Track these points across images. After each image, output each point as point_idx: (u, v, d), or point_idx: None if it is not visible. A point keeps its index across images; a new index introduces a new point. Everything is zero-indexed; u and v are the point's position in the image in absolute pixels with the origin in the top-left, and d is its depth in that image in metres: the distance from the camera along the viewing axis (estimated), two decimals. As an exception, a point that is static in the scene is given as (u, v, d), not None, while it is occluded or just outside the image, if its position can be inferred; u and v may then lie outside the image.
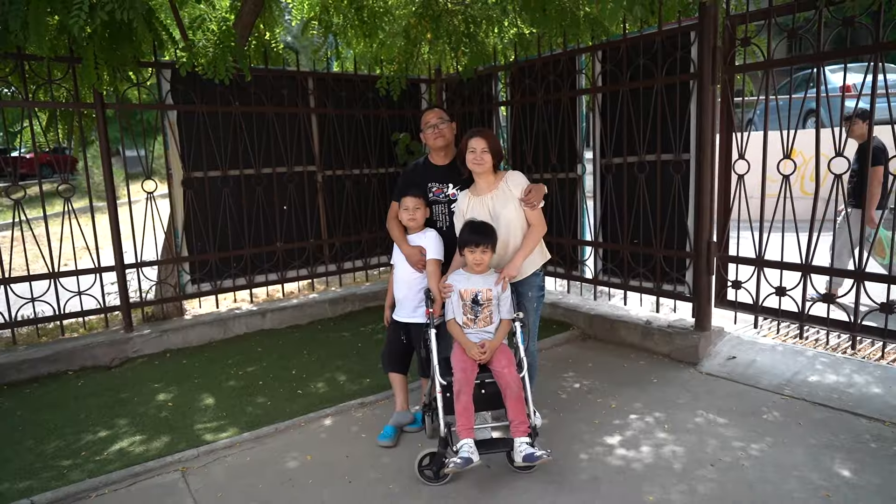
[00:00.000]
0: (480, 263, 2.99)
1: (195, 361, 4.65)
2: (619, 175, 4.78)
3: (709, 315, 4.33)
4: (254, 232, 5.49)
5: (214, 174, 5.25)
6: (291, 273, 5.77)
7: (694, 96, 4.19)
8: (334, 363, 4.54)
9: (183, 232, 5.12)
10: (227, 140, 5.26)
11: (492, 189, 3.18)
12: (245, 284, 5.49)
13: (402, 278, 3.34)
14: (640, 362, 4.35)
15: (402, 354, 3.40)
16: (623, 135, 4.68)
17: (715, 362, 4.14)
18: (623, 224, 4.79)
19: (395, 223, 3.45)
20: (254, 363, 4.58)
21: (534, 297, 3.23)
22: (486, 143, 3.10)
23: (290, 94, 5.58)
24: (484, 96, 5.88)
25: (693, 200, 4.30)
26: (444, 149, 3.43)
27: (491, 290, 3.00)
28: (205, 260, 5.25)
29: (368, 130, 6.10)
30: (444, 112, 3.46)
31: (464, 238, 3.02)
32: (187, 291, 5.20)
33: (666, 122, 4.38)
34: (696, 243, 4.28)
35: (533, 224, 3.15)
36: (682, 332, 4.33)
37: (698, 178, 4.21)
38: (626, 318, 4.77)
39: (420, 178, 3.47)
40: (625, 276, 4.84)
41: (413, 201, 3.29)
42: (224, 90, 5.16)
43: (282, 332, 5.35)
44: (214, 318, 5.23)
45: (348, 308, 5.92)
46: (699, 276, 4.30)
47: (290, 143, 5.62)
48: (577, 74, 4.99)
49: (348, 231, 6.10)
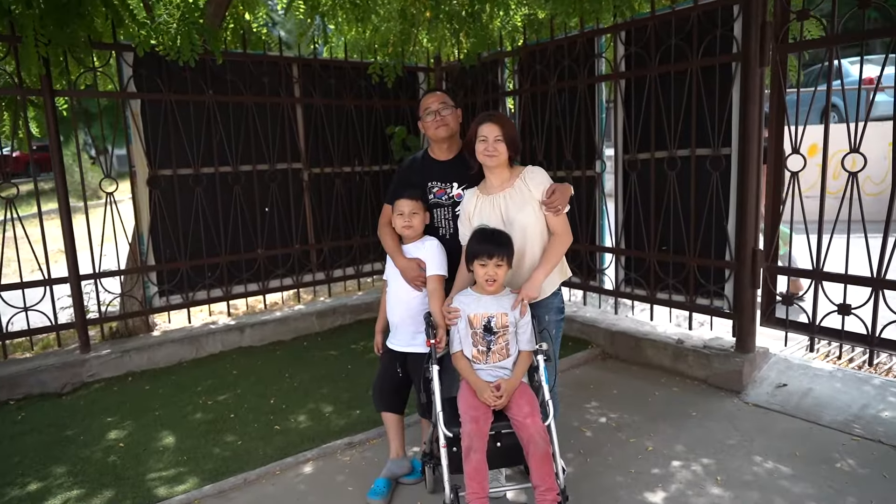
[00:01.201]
0: (494, 280, 2.40)
1: (159, 387, 4.04)
2: (646, 172, 4.19)
3: (753, 335, 3.74)
4: (231, 237, 4.88)
5: (185, 172, 4.64)
6: (274, 283, 5.16)
7: (737, 81, 3.60)
8: (319, 390, 3.94)
9: (149, 237, 4.51)
10: (199, 133, 4.65)
11: (505, 187, 2.58)
12: (221, 296, 4.88)
13: (398, 298, 2.74)
14: (673, 389, 3.76)
15: (397, 389, 2.80)
16: (650, 127, 4.09)
17: (762, 391, 3.55)
18: (650, 229, 4.20)
19: (387, 230, 2.85)
20: (227, 389, 3.98)
21: (552, 323, 2.63)
22: (501, 130, 2.51)
23: (272, 81, 4.97)
24: (489, 85, 5.28)
25: (735, 202, 3.71)
26: (447, 140, 2.83)
27: (507, 316, 2.41)
28: (174, 269, 4.64)
29: (360, 123, 5.50)
30: (446, 95, 2.86)
31: (473, 248, 2.42)
32: (154, 305, 4.59)
33: (702, 112, 3.79)
34: (739, 251, 3.69)
35: (556, 233, 2.56)
36: (721, 353, 3.75)
37: (741, 175, 3.62)
38: (653, 335, 4.18)
39: (418, 177, 2.87)
40: (651, 288, 4.25)
41: (409, 204, 2.69)
42: (196, 77, 4.55)
43: (262, 351, 4.75)
44: (185, 334, 4.62)
45: (338, 321, 5.32)
46: (742, 290, 3.71)
47: (273, 136, 5.02)
48: (596, 59, 4.40)
49: (338, 235, 5.50)
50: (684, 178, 3.96)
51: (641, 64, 4.10)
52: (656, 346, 4.10)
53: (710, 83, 3.74)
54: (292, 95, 5.10)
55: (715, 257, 3.87)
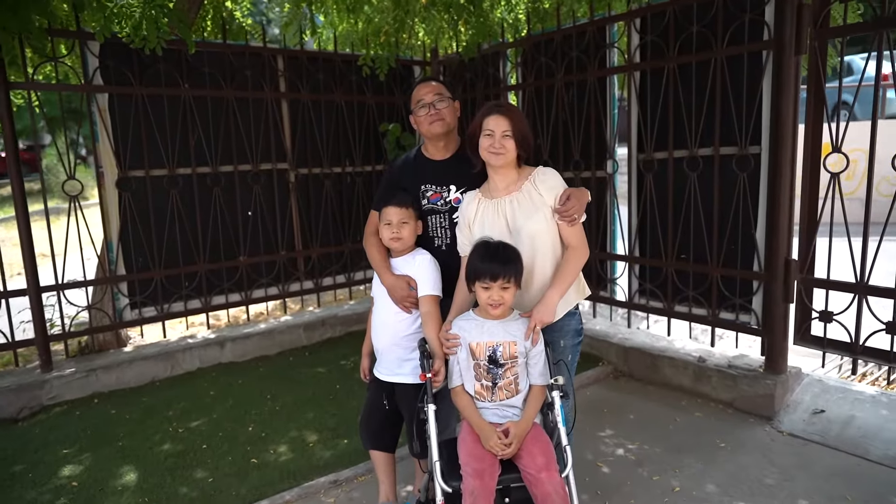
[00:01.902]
0: (499, 305, 2.02)
1: (127, 411, 3.65)
2: (663, 173, 3.81)
3: (785, 354, 3.37)
4: (210, 243, 4.49)
5: (159, 173, 4.25)
6: (258, 292, 4.77)
7: (768, 71, 3.23)
8: (304, 414, 3.56)
9: (119, 245, 4.12)
10: (174, 131, 4.26)
11: (512, 190, 2.21)
12: (200, 308, 4.49)
13: (383, 320, 2.36)
14: (696, 414, 3.39)
15: (386, 425, 2.42)
16: (668, 123, 3.71)
17: (797, 417, 3.18)
18: (667, 235, 3.82)
19: (373, 241, 2.47)
20: (201, 414, 3.59)
21: (568, 348, 2.26)
22: (510, 124, 2.13)
23: (256, 75, 4.58)
24: (490, 80, 4.90)
25: (765, 206, 3.34)
26: (443, 137, 2.45)
27: (516, 345, 2.03)
28: (147, 279, 4.24)
29: (351, 120, 5.11)
30: (442, 86, 2.47)
31: (474, 267, 2.04)
32: (125, 318, 4.20)
33: (727, 107, 3.42)
34: (770, 261, 3.32)
35: (572, 245, 2.18)
36: (748, 374, 3.37)
37: (773, 176, 3.25)
38: (671, 352, 3.81)
39: (410, 179, 2.49)
40: (668, 300, 3.87)
41: (398, 213, 2.30)
42: (170, 69, 4.16)
43: (243, 368, 4.36)
44: (159, 350, 4.23)
45: (327, 334, 4.93)
46: (773, 304, 3.33)
47: (256, 134, 4.63)
48: (608, 49, 4.02)
49: (327, 241, 5.11)
50: (707, 179, 3.59)
51: (658, 54, 3.72)
52: (675, 365, 3.73)
53: (737, 74, 3.37)
54: (277, 90, 4.72)
55: (741, 267, 3.50)
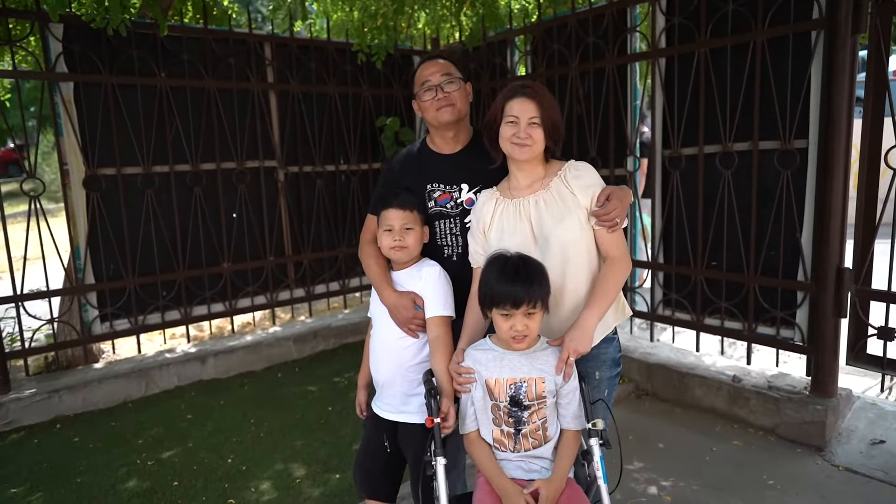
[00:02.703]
0: (523, 337, 1.62)
1: (92, 439, 3.25)
2: (691, 171, 3.42)
3: (835, 374, 2.98)
4: (191, 248, 4.09)
5: (132, 171, 3.85)
6: (244, 302, 4.37)
7: (818, 54, 2.85)
8: (291, 442, 3.16)
9: (87, 250, 3.72)
10: (150, 125, 3.86)
11: (538, 189, 1.82)
12: (179, 319, 4.09)
13: (385, 347, 1.96)
14: (734, 442, 2.99)
15: (386, 470, 2.01)
16: (698, 115, 3.33)
17: (853, 448, 2.79)
18: (696, 239, 3.43)
19: (371, 251, 2.07)
20: (175, 442, 3.19)
21: (604, 381, 1.86)
22: (538, 109, 1.75)
23: (241, 63, 4.19)
24: (496, 70, 4.51)
25: (812, 207, 2.95)
26: (452, 126, 2.05)
27: (544, 382, 1.64)
28: (119, 288, 3.84)
29: (346, 114, 4.71)
30: (451, 64, 2.08)
31: (491, 290, 1.64)
32: (94, 332, 3.79)
33: (768, 96, 3.03)
34: (818, 270, 2.93)
35: (611, 256, 1.79)
36: (793, 397, 2.98)
37: (823, 174, 2.86)
38: (701, 370, 3.42)
39: (413, 177, 2.10)
40: (697, 312, 3.48)
41: (401, 216, 1.91)
42: (144, 55, 3.76)
43: (226, 385, 3.95)
44: (133, 367, 3.82)
45: (319, 346, 4.53)
46: (822, 318, 2.95)
47: (241, 129, 4.23)
48: (629, 34, 3.63)
49: (320, 245, 4.71)
50: (743, 177, 3.21)
51: (688, 38, 3.33)
52: (707, 385, 3.33)
53: (780, 59, 2.99)
54: (264, 80, 4.32)
55: (783, 276, 3.11)
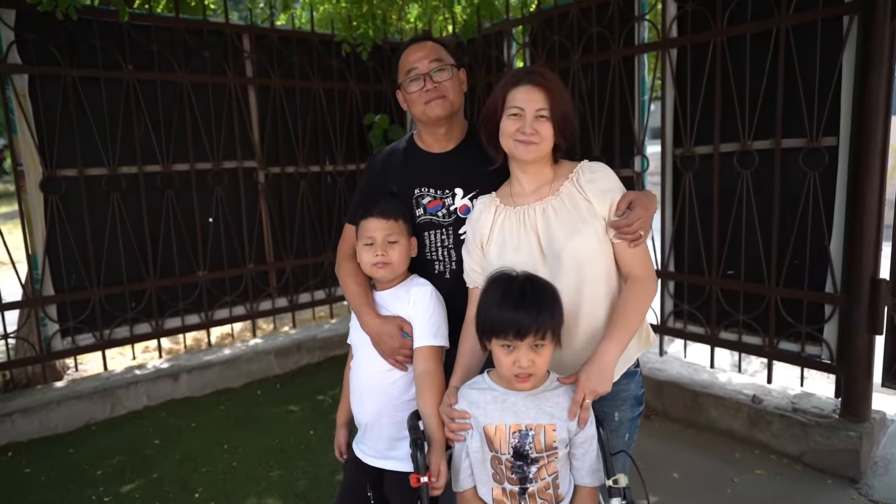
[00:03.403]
0: (528, 376, 1.32)
1: (45, 469, 2.93)
2: (706, 171, 3.14)
3: (868, 397, 2.70)
4: (162, 256, 3.78)
5: (96, 172, 3.53)
6: (221, 313, 4.06)
7: (850, 42, 2.57)
8: (268, 472, 2.85)
9: (45, 259, 3.40)
10: (116, 122, 3.54)
11: (546, 195, 1.53)
12: (150, 333, 3.77)
13: (368, 381, 1.67)
14: (757, 471, 2.71)
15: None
16: (713, 111, 3.04)
17: (893, 480, 2.51)
18: (711, 246, 3.15)
19: (350, 268, 1.78)
20: (139, 472, 2.87)
21: (625, 423, 1.57)
22: (547, 100, 1.45)
23: (216, 56, 3.88)
24: (492, 63, 4.21)
25: (842, 211, 2.68)
26: (444, 122, 1.75)
27: (554, 430, 1.34)
28: (83, 300, 3.53)
29: (332, 111, 4.41)
30: (442, 48, 1.78)
31: (489, 316, 1.34)
32: (55, 348, 3.47)
33: (793, 89, 2.76)
34: (850, 280, 2.65)
35: (635, 275, 1.49)
36: (821, 421, 2.70)
37: (856, 174, 2.58)
38: (716, 388, 3.13)
39: (399, 179, 1.80)
40: (712, 325, 3.20)
41: (384, 227, 1.61)
42: (109, 46, 3.45)
43: (201, 405, 3.64)
44: (98, 386, 3.50)
45: (303, 360, 4.22)
46: (854, 334, 2.67)
47: (217, 127, 3.92)
48: (637, 23, 3.34)
49: (304, 251, 4.40)
50: (763, 178, 2.93)
51: (702, 26, 3.05)
52: (723, 405, 3.05)
53: (807, 47, 2.71)
54: (242, 75, 4.01)
55: (809, 287, 2.83)
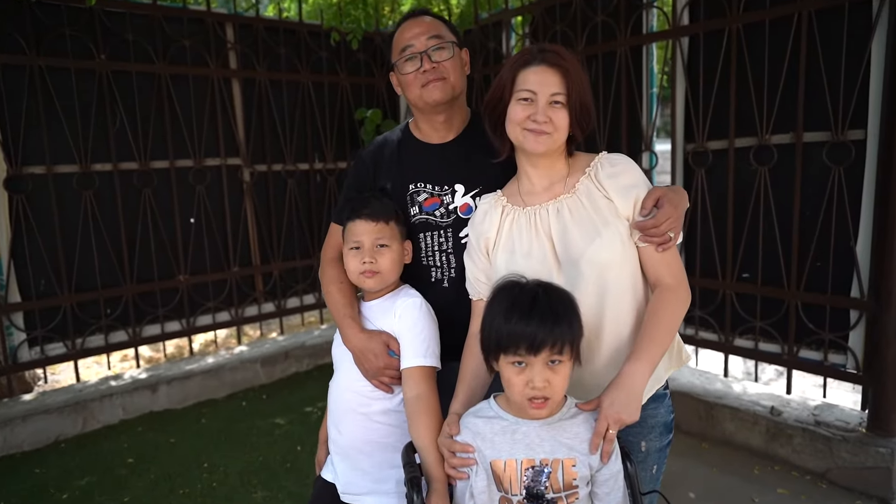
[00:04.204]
0: (544, 400, 1.12)
1: (4, 494, 2.69)
2: (720, 167, 2.95)
3: (898, 410, 2.51)
4: (141, 259, 3.55)
5: (67, 170, 3.30)
6: (204, 319, 3.82)
7: (881, 28, 2.38)
8: (251, 493, 2.63)
9: (10, 263, 3.16)
10: (88, 116, 3.31)
11: (559, 192, 1.33)
12: (127, 341, 3.54)
13: (348, 405, 1.46)
14: (779, 490, 2.51)
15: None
16: (728, 103, 2.85)
17: (926, 501, 2.32)
18: (725, 248, 2.96)
19: (334, 275, 1.57)
20: (108, 496, 2.64)
21: (652, 455, 1.37)
22: (564, 83, 1.26)
23: (197, 46, 3.64)
24: (491, 55, 4.00)
25: (870, 210, 2.49)
26: (444, 108, 1.54)
27: (574, 466, 1.13)
28: (52, 307, 3.29)
29: (321, 105, 4.19)
30: (442, 23, 1.56)
31: (497, 328, 1.13)
32: (21, 359, 3.23)
33: (816, 79, 2.57)
34: (879, 284, 2.46)
35: (664, 284, 1.29)
36: (847, 435, 2.51)
37: (886, 171, 2.39)
38: (731, 399, 2.94)
39: (391, 174, 1.58)
40: (726, 332, 3.01)
41: (371, 230, 1.40)
42: (80, 34, 3.22)
43: (181, 418, 3.40)
44: (69, 398, 3.26)
45: (291, 368, 4.00)
46: (883, 342, 2.47)
47: (199, 122, 3.69)
48: (645, 10, 3.14)
49: (291, 253, 4.18)
50: (783, 175, 2.74)
51: (716, 12, 2.85)
52: (740, 418, 2.86)
53: (832, 34, 2.52)
54: (226, 66, 3.78)
55: (833, 292, 2.64)
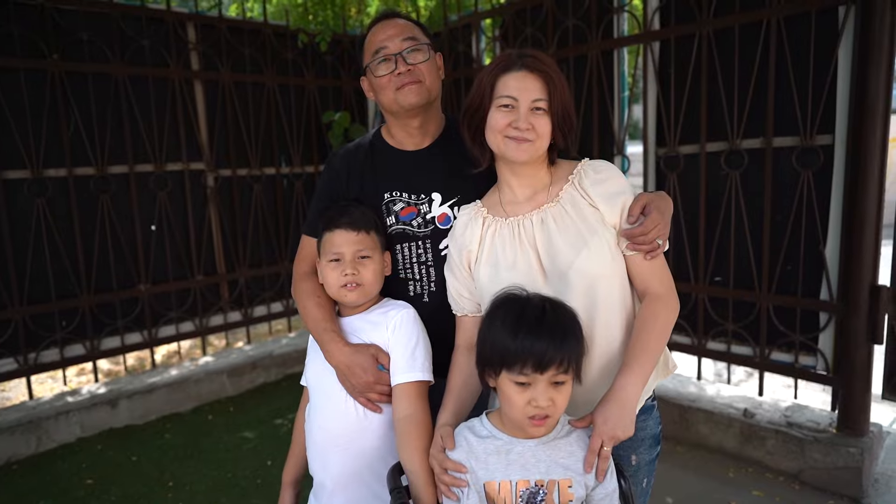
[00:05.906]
0: (544, 418, 1.07)
1: (-46, 521, 2.54)
2: (692, 173, 2.96)
3: (867, 410, 2.55)
4: (98, 269, 3.38)
5: (17, 175, 3.12)
6: (167, 330, 3.67)
7: (847, 34, 2.42)
8: (218, 514, 2.53)
9: (-44, 275, 2.98)
10: (39, 118, 3.14)
11: (542, 201, 1.29)
12: (84, 355, 3.37)
13: (332, 430, 1.38)
14: (754, 492, 2.53)
15: None
16: (699, 108, 2.86)
17: (894, 499, 2.36)
18: (697, 252, 2.98)
19: (309, 288, 1.48)
20: (66, 521, 2.51)
21: (642, 469, 1.35)
22: (545, 89, 1.23)
23: (157, 46, 3.50)
24: (460, 58, 3.96)
25: (839, 213, 2.53)
26: (420, 113, 1.48)
27: (571, 486, 1.09)
28: (2, 320, 3.10)
29: (287, 108, 4.08)
30: (415, 25, 1.50)
31: (502, 344, 1.09)
32: (-31, 376, 3.05)
33: (785, 84, 2.60)
34: (847, 287, 2.50)
35: (652, 293, 1.27)
36: (818, 436, 2.55)
37: (854, 175, 2.43)
38: (705, 402, 2.96)
39: (365, 182, 1.52)
40: (698, 335, 3.02)
41: (353, 241, 1.34)
42: (29, 32, 3.06)
43: (143, 435, 3.26)
44: (22, 417, 3.09)
45: (259, 379, 3.88)
46: (852, 344, 2.52)
47: (160, 125, 3.54)
48: (616, 14, 3.14)
49: (258, 261, 4.06)
50: (753, 179, 2.76)
51: (687, 17, 2.87)
52: (714, 421, 2.87)
53: (800, 40, 2.56)
54: (187, 67, 3.64)
55: (803, 294, 2.68)
